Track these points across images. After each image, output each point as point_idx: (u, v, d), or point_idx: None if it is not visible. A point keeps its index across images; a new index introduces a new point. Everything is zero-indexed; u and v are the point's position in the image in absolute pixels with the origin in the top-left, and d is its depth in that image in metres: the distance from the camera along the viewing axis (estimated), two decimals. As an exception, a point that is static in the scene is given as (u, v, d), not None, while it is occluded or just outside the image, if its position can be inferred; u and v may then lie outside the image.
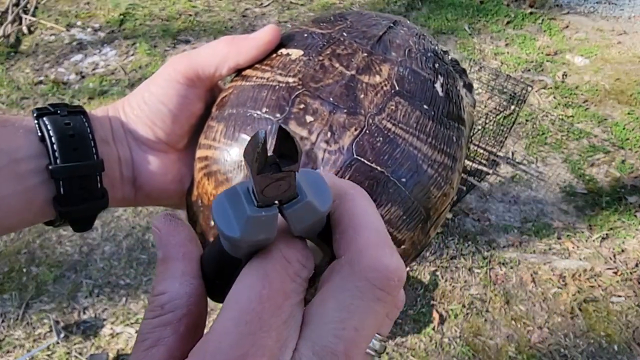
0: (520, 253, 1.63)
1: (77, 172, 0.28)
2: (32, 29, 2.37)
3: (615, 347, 1.39)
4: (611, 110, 2.26)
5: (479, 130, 1.63)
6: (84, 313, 1.38)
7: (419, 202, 0.29)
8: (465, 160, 1.72)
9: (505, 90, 1.85)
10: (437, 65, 0.32)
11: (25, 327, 1.34)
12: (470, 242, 1.64)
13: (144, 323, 0.18)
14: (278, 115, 0.29)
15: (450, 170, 0.31)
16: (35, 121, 0.28)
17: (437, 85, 0.31)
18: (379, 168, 0.28)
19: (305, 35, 0.32)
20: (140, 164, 0.32)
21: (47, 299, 1.40)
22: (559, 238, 1.68)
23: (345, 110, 0.29)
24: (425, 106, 0.30)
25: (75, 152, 0.28)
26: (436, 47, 0.34)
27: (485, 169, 1.78)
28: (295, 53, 0.31)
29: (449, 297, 1.48)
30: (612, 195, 1.84)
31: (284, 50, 0.32)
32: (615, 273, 1.57)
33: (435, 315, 1.43)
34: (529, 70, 2.47)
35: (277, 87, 0.30)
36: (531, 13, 2.91)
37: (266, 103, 0.30)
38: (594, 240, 1.68)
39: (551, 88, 2.36)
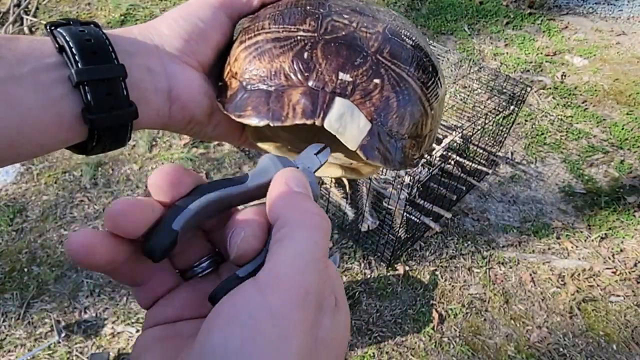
0: (519, 253, 1.63)
1: (100, 74, 0.27)
2: (33, 29, 2.37)
3: (614, 347, 1.40)
4: (610, 111, 2.26)
5: (478, 130, 1.63)
6: (85, 312, 1.38)
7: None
8: (464, 160, 1.73)
9: (504, 90, 1.86)
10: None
11: (26, 327, 1.34)
12: (469, 242, 1.64)
13: None
14: (318, 19, 0.33)
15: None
16: (50, 32, 0.28)
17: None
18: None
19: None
20: (175, 74, 0.32)
21: (48, 298, 1.40)
22: (558, 238, 1.69)
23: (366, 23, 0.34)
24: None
25: (95, 56, 0.27)
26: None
27: (484, 169, 1.79)
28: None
29: (449, 297, 1.49)
30: (611, 195, 1.85)
31: None
32: (614, 273, 1.58)
33: (435, 314, 1.43)
34: (528, 70, 2.47)
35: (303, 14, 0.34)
36: (530, 14, 2.92)
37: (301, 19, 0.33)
38: (592, 240, 1.68)
39: (550, 88, 2.36)
